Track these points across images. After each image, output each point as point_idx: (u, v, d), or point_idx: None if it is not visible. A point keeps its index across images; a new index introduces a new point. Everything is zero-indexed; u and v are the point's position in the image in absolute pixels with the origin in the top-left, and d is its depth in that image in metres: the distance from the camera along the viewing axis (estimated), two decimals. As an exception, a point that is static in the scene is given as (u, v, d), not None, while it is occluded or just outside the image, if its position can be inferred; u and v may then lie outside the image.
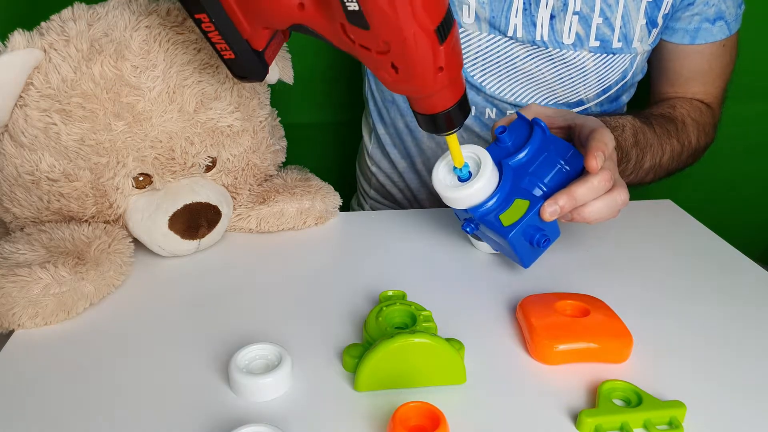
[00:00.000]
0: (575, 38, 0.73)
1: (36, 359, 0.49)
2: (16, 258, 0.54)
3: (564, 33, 0.73)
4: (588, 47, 0.74)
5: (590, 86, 0.78)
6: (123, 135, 0.57)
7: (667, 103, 0.81)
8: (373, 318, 0.49)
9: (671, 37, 0.79)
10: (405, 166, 0.90)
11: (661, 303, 0.57)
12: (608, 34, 0.74)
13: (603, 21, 0.73)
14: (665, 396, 0.44)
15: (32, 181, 0.57)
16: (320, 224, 0.71)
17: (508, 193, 0.55)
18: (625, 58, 0.76)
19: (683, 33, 0.78)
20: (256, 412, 0.43)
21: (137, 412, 0.43)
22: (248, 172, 0.68)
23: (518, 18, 0.72)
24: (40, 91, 0.55)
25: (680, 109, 0.80)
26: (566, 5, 0.72)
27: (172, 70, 0.59)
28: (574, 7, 0.72)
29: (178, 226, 0.60)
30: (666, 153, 0.77)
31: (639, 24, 0.74)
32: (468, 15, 0.73)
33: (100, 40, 0.57)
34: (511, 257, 0.59)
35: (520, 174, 0.56)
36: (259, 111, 0.67)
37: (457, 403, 0.44)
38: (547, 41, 0.74)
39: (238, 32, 0.46)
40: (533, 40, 0.73)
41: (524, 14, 0.72)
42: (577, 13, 0.72)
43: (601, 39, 0.74)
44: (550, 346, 0.48)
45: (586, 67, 0.76)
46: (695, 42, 0.78)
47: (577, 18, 0.72)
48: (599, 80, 0.78)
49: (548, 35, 0.73)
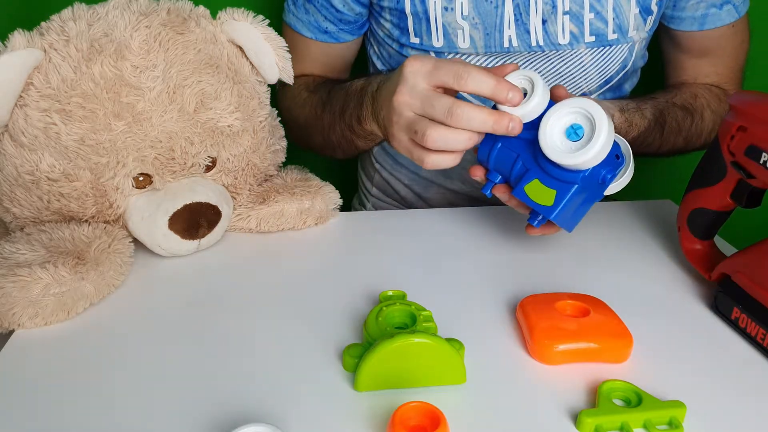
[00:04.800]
0: (570, 37, 0.74)
1: (36, 359, 0.49)
2: (16, 258, 0.54)
3: (558, 34, 0.74)
4: (584, 43, 0.75)
5: (591, 80, 0.79)
6: (123, 135, 0.57)
7: (690, 92, 0.81)
8: (373, 318, 0.49)
9: (679, 25, 0.79)
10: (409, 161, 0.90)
11: (661, 303, 0.57)
12: (602, 27, 0.74)
13: (595, 16, 0.73)
14: (665, 396, 0.44)
15: (32, 181, 0.57)
16: (320, 224, 0.71)
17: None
18: (622, 48, 0.77)
19: (691, 21, 0.78)
20: (256, 412, 0.43)
21: (137, 412, 0.43)
22: (248, 172, 0.68)
23: (511, 29, 0.73)
24: (40, 91, 0.55)
25: (701, 99, 0.80)
26: (555, 7, 0.72)
27: (172, 70, 0.59)
28: (563, 7, 0.72)
29: (178, 226, 0.60)
30: (665, 146, 0.77)
31: (632, 14, 0.74)
32: (463, 40, 0.74)
33: (100, 40, 0.57)
34: (570, 218, 0.57)
35: None
36: (259, 111, 0.67)
37: (457, 403, 0.44)
38: (543, 45, 0.74)
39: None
40: (529, 46, 0.74)
41: (516, 24, 0.73)
42: (567, 12, 0.72)
43: (596, 34, 0.74)
44: (550, 346, 0.48)
45: (584, 62, 0.76)
46: (704, 28, 0.78)
47: (568, 18, 0.73)
48: (599, 73, 0.78)
49: (543, 39, 0.74)
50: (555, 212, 0.54)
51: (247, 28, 0.64)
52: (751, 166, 0.51)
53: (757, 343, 0.51)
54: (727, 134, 0.54)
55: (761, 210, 0.57)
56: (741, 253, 0.54)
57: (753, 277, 0.52)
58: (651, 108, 0.74)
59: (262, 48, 0.65)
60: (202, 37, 0.62)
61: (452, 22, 0.73)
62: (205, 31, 0.62)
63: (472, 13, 0.72)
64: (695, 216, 0.59)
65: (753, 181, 0.53)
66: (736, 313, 0.53)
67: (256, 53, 0.65)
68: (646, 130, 0.73)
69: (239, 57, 0.65)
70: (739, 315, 0.52)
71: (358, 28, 0.83)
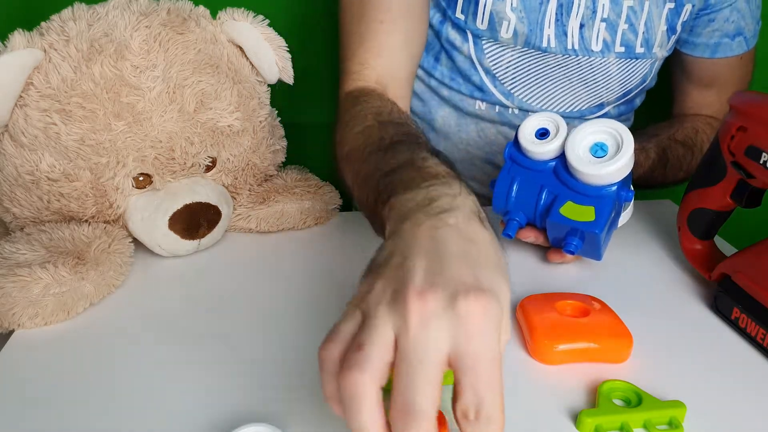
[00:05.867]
0: (602, 45, 0.75)
1: (36, 359, 0.49)
2: (16, 258, 0.54)
3: (592, 40, 0.75)
4: (614, 53, 0.76)
5: (613, 90, 0.80)
6: (123, 135, 0.57)
7: (691, 126, 0.83)
8: (373, 318, 0.49)
9: (692, 51, 0.81)
10: None
11: (661, 303, 0.57)
12: (632, 39, 0.75)
13: (628, 27, 0.75)
14: (665, 396, 0.44)
15: (32, 181, 0.57)
16: (320, 224, 0.71)
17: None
18: (645, 63, 0.79)
19: (704, 47, 0.80)
20: (256, 412, 0.43)
21: (137, 412, 0.43)
22: (248, 172, 0.68)
23: (551, 29, 0.74)
24: (40, 91, 0.55)
25: (701, 134, 0.82)
26: (595, 12, 0.73)
27: (172, 70, 0.59)
28: (603, 14, 0.73)
29: (178, 226, 0.60)
30: (668, 180, 0.79)
31: (660, 30, 0.76)
32: (507, 30, 0.74)
33: (100, 40, 0.57)
34: (596, 249, 0.58)
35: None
36: (259, 111, 0.67)
37: (457, 403, 0.44)
38: (578, 49, 0.75)
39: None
40: (564, 49, 0.75)
41: (556, 25, 0.74)
42: (605, 20, 0.74)
43: (625, 45, 0.76)
44: (550, 346, 0.48)
45: (610, 72, 0.78)
46: (715, 56, 0.80)
47: (604, 25, 0.74)
48: (622, 84, 0.80)
49: (578, 43, 0.75)
50: (601, 224, 0.55)
51: (247, 28, 0.64)
52: (751, 166, 0.51)
53: (757, 343, 0.51)
54: (727, 134, 0.54)
55: (761, 210, 0.57)
56: (741, 253, 0.54)
57: (753, 277, 0.52)
58: (654, 147, 0.75)
59: (262, 48, 0.65)
60: (202, 37, 0.62)
61: (501, 11, 0.73)
62: (205, 31, 0.62)
63: (520, 5, 0.72)
64: (695, 216, 0.59)
65: (753, 181, 0.53)
66: (736, 313, 0.53)
67: (256, 53, 0.65)
68: (651, 169, 0.74)
69: (239, 57, 0.65)
70: (739, 315, 0.52)
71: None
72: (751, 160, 0.51)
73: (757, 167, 0.51)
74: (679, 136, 0.80)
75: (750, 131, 0.52)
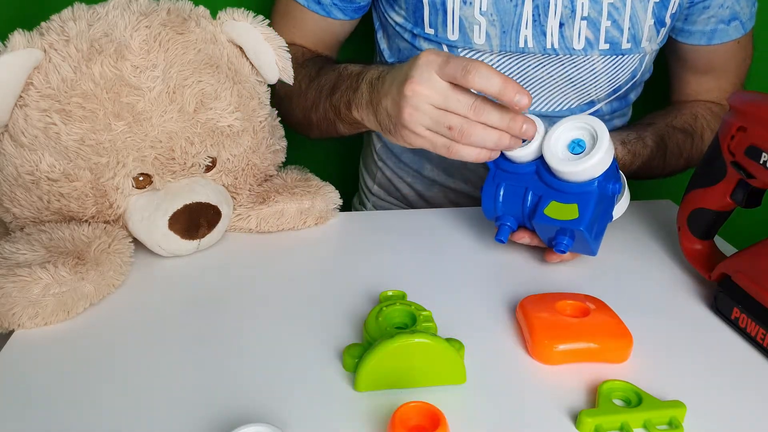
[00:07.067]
0: (585, 43, 0.74)
1: (36, 359, 0.49)
2: (16, 258, 0.54)
3: (574, 39, 0.74)
4: (598, 50, 0.75)
5: (601, 87, 0.79)
6: (123, 135, 0.57)
7: (690, 112, 0.82)
8: (373, 318, 0.49)
9: (688, 39, 0.80)
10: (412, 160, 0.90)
11: (661, 303, 0.57)
12: (617, 36, 0.74)
13: (611, 24, 0.73)
14: (665, 396, 0.44)
15: (32, 181, 0.57)
16: (320, 224, 0.71)
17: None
18: (634, 58, 0.77)
19: (700, 35, 0.79)
20: (256, 412, 0.43)
21: (137, 412, 0.43)
22: (248, 172, 0.68)
23: (528, 29, 0.73)
24: (40, 91, 0.55)
25: (701, 119, 0.81)
26: (574, 11, 0.72)
27: (172, 70, 0.59)
28: (582, 12, 0.72)
29: (178, 226, 0.60)
30: (667, 169, 0.79)
31: (647, 24, 0.75)
32: (479, 35, 0.74)
33: (100, 40, 0.57)
34: (590, 244, 0.58)
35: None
36: (259, 111, 0.67)
37: (457, 403, 0.44)
38: (558, 48, 0.74)
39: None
40: (544, 48, 0.74)
41: (534, 25, 0.73)
42: (585, 18, 0.73)
43: (610, 41, 0.75)
44: (550, 346, 0.48)
45: (596, 69, 0.77)
46: (712, 43, 0.79)
47: (585, 23, 0.73)
48: (610, 81, 0.79)
49: (558, 42, 0.74)
50: (585, 221, 0.55)
51: (247, 28, 0.64)
52: (751, 166, 0.51)
53: (757, 343, 0.51)
54: (727, 134, 0.54)
55: (761, 210, 0.57)
56: (741, 253, 0.54)
57: (753, 277, 0.52)
58: (652, 135, 0.75)
59: (262, 48, 0.65)
60: (202, 37, 0.62)
61: (469, 16, 0.73)
62: (205, 31, 0.62)
63: (491, 9, 0.72)
64: (695, 216, 0.59)
65: (753, 181, 0.53)
66: (736, 313, 0.53)
67: (256, 53, 0.65)
68: (649, 158, 0.74)
69: (239, 57, 0.65)
70: (739, 315, 0.52)
71: (353, 11, 0.82)
72: (751, 160, 0.51)
73: (757, 167, 0.51)
74: (677, 122, 0.80)
75: (750, 131, 0.52)
